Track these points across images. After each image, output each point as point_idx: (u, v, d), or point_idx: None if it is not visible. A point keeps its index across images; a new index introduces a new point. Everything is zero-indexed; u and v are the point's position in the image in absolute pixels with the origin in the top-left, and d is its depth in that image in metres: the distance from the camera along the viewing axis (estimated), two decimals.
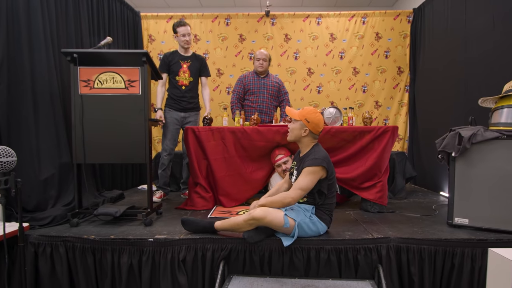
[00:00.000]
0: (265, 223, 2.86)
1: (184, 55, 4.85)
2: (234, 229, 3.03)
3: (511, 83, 3.25)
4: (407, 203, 4.65)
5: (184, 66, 4.79)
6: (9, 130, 3.34)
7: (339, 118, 4.46)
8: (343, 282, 2.89)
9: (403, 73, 6.69)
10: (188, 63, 4.81)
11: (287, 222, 2.85)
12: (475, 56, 4.43)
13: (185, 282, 2.97)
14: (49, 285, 3.07)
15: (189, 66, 4.82)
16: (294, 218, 2.90)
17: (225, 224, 3.07)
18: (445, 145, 3.39)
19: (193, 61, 4.88)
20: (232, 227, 3.02)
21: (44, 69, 3.70)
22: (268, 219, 2.83)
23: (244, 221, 2.90)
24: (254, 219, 2.84)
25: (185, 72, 4.79)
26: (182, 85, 4.81)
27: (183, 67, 4.78)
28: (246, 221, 2.87)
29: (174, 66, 4.77)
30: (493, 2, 4.04)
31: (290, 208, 3.03)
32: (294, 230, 2.88)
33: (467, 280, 2.92)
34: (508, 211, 3.09)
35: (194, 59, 4.90)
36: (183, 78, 4.80)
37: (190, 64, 4.83)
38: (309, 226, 2.94)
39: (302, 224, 2.91)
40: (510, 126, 3.13)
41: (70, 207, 3.66)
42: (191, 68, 4.83)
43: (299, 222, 2.89)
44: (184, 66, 4.79)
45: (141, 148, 3.51)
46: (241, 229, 2.96)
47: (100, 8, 5.11)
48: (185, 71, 4.79)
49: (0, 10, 3.29)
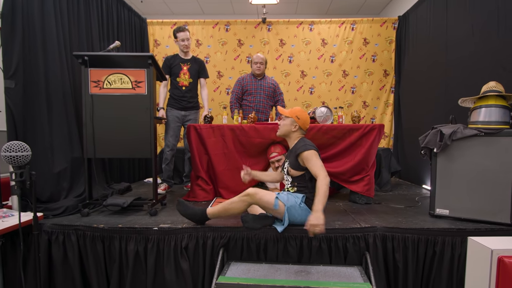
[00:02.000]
0: (256, 200, 2.88)
1: (184, 58, 4.87)
2: (227, 209, 3.00)
3: (489, 85, 3.25)
4: (392, 195, 4.65)
5: (184, 68, 4.83)
6: (25, 127, 3.32)
7: (329, 116, 4.44)
8: (333, 268, 2.89)
9: (388, 76, 6.68)
10: (188, 66, 4.85)
11: (277, 204, 2.86)
12: (455, 60, 4.42)
13: (187, 268, 2.96)
14: (61, 271, 3.06)
15: (189, 68, 4.85)
16: (285, 202, 2.89)
17: (218, 207, 3.05)
18: (427, 141, 3.39)
19: (193, 63, 4.91)
20: (225, 207, 3.00)
21: (57, 71, 3.69)
22: (259, 196, 2.87)
23: (238, 198, 2.95)
24: (247, 195, 2.89)
25: (185, 73, 4.83)
26: (183, 86, 4.84)
27: (183, 69, 4.82)
28: (240, 197, 2.93)
29: (175, 68, 4.80)
30: (472, 12, 4.03)
31: (282, 193, 3.05)
32: (284, 215, 2.87)
33: (448, 267, 2.91)
34: (485, 203, 3.09)
35: (193, 62, 4.93)
36: (183, 79, 4.84)
37: (189, 67, 4.86)
38: (298, 212, 2.92)
39: (292, 209, 2.90)
40: (487, 124, 3.13)
41: (81, 198, 3.66)
42: (190, 70, 4.87)
43: (288, 207, 2.89)
44: (184, 68, 4.83)
45: (146, 144, 3.50)
46: (235, 209, 2.98)
47: (109, 15, 5.09)
48: (185, 73, 4.83)
49: (16, 17, 3.26)
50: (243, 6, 7.96)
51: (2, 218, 2.93)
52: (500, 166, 3.01)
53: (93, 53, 3.48)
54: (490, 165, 3.06)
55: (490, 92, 3.18)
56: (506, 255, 1.63)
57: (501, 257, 1.64)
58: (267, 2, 6.30)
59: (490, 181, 3.06)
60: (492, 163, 3.05)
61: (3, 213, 3.03)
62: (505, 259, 1.63)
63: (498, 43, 3.56)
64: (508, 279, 1.60)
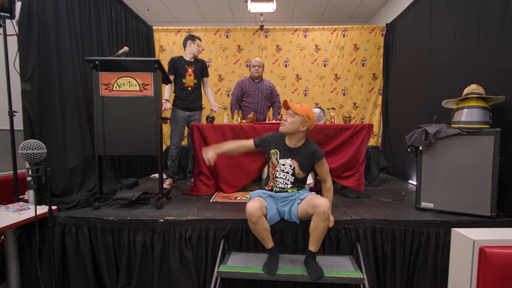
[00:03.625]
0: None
1: (188, 61, 4.83)
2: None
3: (470, 87, 3.25)
4: (381, 189, 4.64)
5: (189, 70, 4.80)
6: (40, 127, 3.30)
7: (322, 117, 4.45)
8: (326, 257, 2.89)
9: (377, 79, 6.68)
10: (192, 67, 4.82)
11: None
12: (438, 64, 4.42)
13: (191, 257, 2.96)
14: (74, 260, 3.05)
15: (193, 70, 4.83)
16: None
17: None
18: (413, 140, 3.39)
19: (196, 65, 4.88)
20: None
21: (70, 74, 3.68)
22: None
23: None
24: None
25: (191, 75, 4.81)
26: (189, 87, 4.82)
27: (188, 71, 4.79)
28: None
29: (181, 70, 4.77)
30: (455, 19, 4.03)
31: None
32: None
33: (432, 256, 2.92)
34: (466, 197, 3.09)
35: (196, 63, 4.90)
36: (189, 81, 4.81)
37: (194, 68, 4.83)
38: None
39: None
40: (469, 124, 3.13)
41: (92, 193, 3.64)
42: (195, 72, 4.85)
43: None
44: (190, 70, 4.80)
45: (153, 142, 3.49)
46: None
47: (118, 22, 5.07)
48: (191, 74, 4.81)
49: (32, 24, 3.25)
50: (242, 14, 7.95)
51: (19, 211, 2.93)
52: (481, 162, 3.01)
53: (104, 58, 3.47)
54: (471, 162, 3.06)
55: (471, 94, 3.19)
56: (487, 245, 1.63)
57: (482, 247, 1.64)
58: (265, 11, 6.28)
59: (472, 177, 3.06)
60: (473, 160, 3.05)
61: (20, 206, 3.03)
62: (486, 249, 1.63)
63: (479, 49, 3.55)
64: (489, 267, 1.61)
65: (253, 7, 6.17)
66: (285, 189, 2.92)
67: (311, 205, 2.59)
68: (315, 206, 2.54)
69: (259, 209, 2.59)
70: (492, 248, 1.63)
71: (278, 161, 2.90)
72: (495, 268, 1.60)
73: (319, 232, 2.57)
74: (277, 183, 2.93)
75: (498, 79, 3.25)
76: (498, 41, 3.27)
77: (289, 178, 2.89)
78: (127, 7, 5.42)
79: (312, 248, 2.64)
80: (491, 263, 1.60)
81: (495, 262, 1.60)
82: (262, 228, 2.61)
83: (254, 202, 2.63)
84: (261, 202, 2.69)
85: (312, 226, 2.59)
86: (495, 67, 3.30)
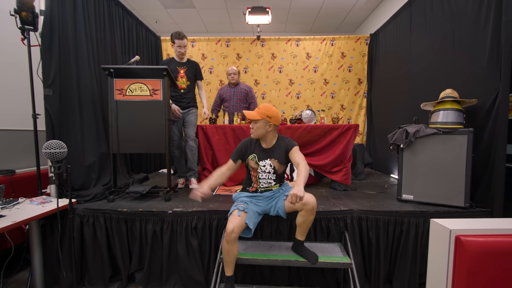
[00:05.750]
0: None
1: (180, 62, 4.27)
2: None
3: (446, 91, 3.25)
4: (366, 183, 4.64)
5: (181, 72, 4.25)
6: (61, 128, 3.28)
7: (313, 118, 4.43)
8: (317, 244, 2.89)
9: (362, 83, 6.66)
10: (184, 69, 4.26)
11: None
12: (417, 70, 4.41)
13: (196, 245, 2.96)
14: (91, 247, 3.06)
15: (185, 71, 4.27)
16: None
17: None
18: (395, 139, 3.38)
19: (189, 66, 4.30)
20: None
21: (87, 81, 3.65)
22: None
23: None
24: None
25: (183, 77, 4.26)
26: (181, 89, 4.26)
27: (180, 72, 4.25)
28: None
29: (173, 72, 4.15)
30: (432, 29, 4.02)
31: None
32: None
33: (412, 243, 2.92)
34: (443, 189, 3.10)
35: (189, 65, 4.32)
36: (181, 83, 4.26)
37: (186, 70, 4.27)
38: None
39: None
40: (445, 124, 3.13)
41: (107, 187, 3.63)
42: (187, 73, 4.28)
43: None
44: (181, 72, 4.25)
45: (162, 141, 3.48)
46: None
47: (130, 33, 5.03)
48: (183, 76, 4.26)
49: (53, 36, 3.22)
50: (241, 26, 7.96)
51: (42, 204, 2.93)
52: (455, 159, 3.01)
53: (118, 66, 3.45)
54: (447, 158, 3.06)
55: (447, 98, 3.18)
56: (462, 234, 1.63)
57: (458, 236, 1.64)
58: (261, 23, 6.26)
59: (447, 172, 3.06)
60: (449, 156, 3.05)
61: (43, 200, 3.03)
62: (461, 237, 1.63)
63: (453, 56, 3.55)
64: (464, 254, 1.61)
65: (251, 19, 6.18)
66: (269, 187, 2.81)
67: (299, 203, 2.41)
68: (303, 203, 2.47)
69: (237, 233, 2.44)
70: (467, 236, 1.63)
71: (258, 164, 2.75)
72: (469, 255, 1.60)
73: (309, 224, 2.60)
74: (260, 184, 2.80)
75: (471, 84, 3.25)
76: (471, 50, 3.27)
77: (271, 177, 2.77)
78: (138, 20, 5.38)
79: (301, 237, 2.66)
80: (466, 250, 1.60)
81: (469, 249, 1.60)
82: (232, 251, 2.47)
83: (236, 222, 2.46)
84: (242, 222, 2.49)
85: (300, 220, 2.58)
86: (468, 73, 3.30)
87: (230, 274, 2.53)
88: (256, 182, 2.82)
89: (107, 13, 4.27)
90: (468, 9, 3.33)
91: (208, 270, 3.00)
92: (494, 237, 1.62)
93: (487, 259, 1.59)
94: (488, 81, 2.98)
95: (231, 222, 2.43)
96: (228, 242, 2.41)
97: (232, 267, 2.53)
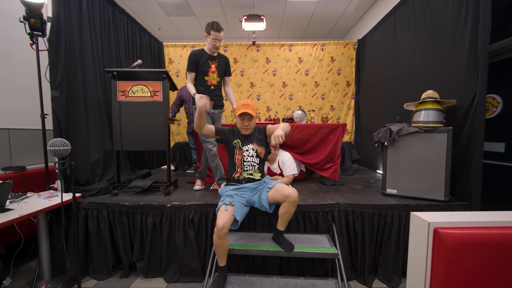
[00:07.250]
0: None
1: (212, 55, 3.63)
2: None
3: (427, 93, 3.22)
4: (353, 178, 4.60)
5: (212, 67, 3.62)
6: (67, 127, 3.24)
7: (304, 117, 4.40)
8: (307, 236, 2.87)
9: (350, 86, 6.62)
10: (216, 63, 3.64)
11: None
12: (401, 73, 4.37)
13: (193, 236, 2.92)
14: (95, 239, 3.02)
15: (217, 66, 3.65)
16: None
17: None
18: (380, 137, 3.35)
19: (220, 61, 3.69)
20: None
21: (92, 83, 3.62)
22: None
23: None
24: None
25: (214, 72, 3.63)
26: (211, 85, 3.66)
27: (211, 67, 3.62)
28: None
29: (203, 66, 3.59)
30: (415, 35, 3.98)
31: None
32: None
33: (396, 234, 2.90)
34: (424, 184, 3.06)
35: (220, 59, 3.70)
36: (212, 78, 3.64)
37: (217, 65, 3.66)
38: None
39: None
40: (426, 123, 3.10)
41: (111, 182, 3.58)
42: (218, 69, 3.67)
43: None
44: (213, 66, 3.62)
45: (162, 139, 3.44)
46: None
47: (133, 39, 4.97)
48: (214, 71, 3.63)
49: (60, 41, 3.19)
50: (238, 32, 7.89)
51: (49, 198, 2.90)
52: (436, 155, 2.98)
53: (121, 69, 3.41)
54: (428, 155, 3.03)
55: (428, 98, 3.16)
56: (440, 227, 1.60)
57: (436, 228, 1.60)
58: (256, 29, 6.22)
59: (428, 167, 3.03)
60: (430, 153, 3.02)
61: (50, 194, 3.00)
62: (439, 229, 1.59)
63: (435, 60, 3.52)
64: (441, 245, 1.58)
65: (247, 26, 6.15)
66: (252, 174, 2.81)
67: (281, 195, 2.52)
68: (286, 195, 2.50)
69: (227, 228, 2.38)
70: (444, 229, 1.59)
71: (241, 148, 2.82)
72: (446, 246, 1.56)
73: (290, 215, 2.59)
74: (244, 167, 2.80)
75: (450, 86, 3.22)
76: (451, 54, 3.24)
77: (254, 160, 2.81)
78: (141, 27, 5.31)
79: (282, 228, 2.66)
80: (443, 242, 1.57)
81: (447, 241, 1.57)
82: (224, 244, 2.42)
83: (226, 217, 2.40)
84: (230, 217, 2.44)
85: (283, 211, 2.57)
86: (448, 76, 3.27)
87: (223, 264, 2.50)
88: (240, 166, 2.83)
89: (112, 21, 4.21)
90: (447, 17, 3.30)
91: (204, 260, 2.96)
92: (470, 230, 1.59)
93: (464, 250, 1.56)
94: (467, 83, 2.95)
95: (221, 218, 2.38)
96: (219, 237, 2.37)
97: (225, 258, 2.50)
